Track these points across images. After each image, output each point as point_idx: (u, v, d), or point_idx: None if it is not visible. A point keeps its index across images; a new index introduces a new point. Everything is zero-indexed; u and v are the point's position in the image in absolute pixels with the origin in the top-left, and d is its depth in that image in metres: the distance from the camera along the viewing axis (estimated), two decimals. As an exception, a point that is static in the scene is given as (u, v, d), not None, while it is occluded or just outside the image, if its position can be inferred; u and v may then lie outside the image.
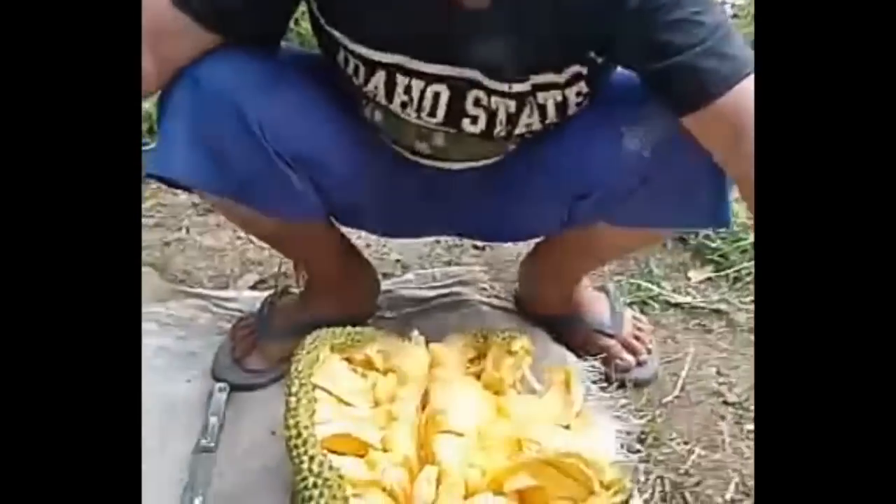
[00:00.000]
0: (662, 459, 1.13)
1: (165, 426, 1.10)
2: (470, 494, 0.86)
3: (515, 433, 0.92)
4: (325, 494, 0.79)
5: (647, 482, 1.10)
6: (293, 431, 0.85)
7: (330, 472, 0.80)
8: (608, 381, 1.21)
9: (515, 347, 1.03)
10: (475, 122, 0.96)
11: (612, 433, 1.09)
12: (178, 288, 1.37)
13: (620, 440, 1.10)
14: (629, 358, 1.25)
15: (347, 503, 0.79)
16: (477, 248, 1.52)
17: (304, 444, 0.83)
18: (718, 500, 1.09)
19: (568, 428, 0.95)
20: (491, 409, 0.97)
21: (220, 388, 1.16)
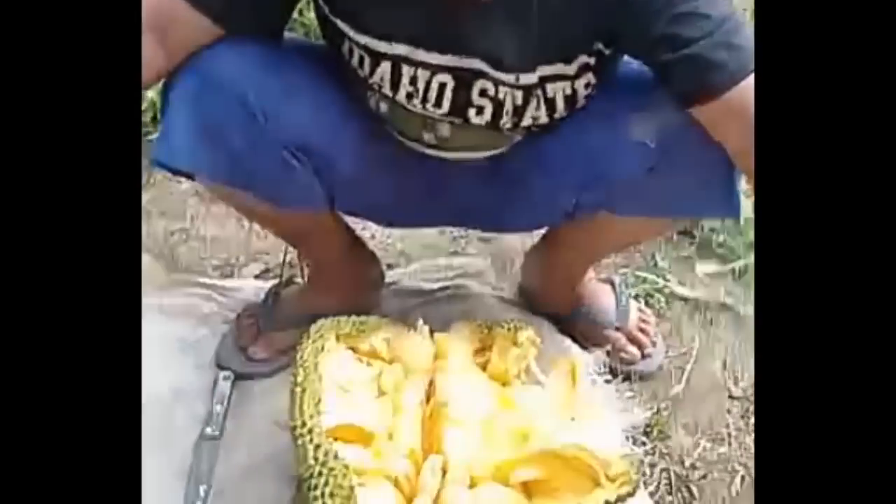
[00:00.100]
0: (668, 452, 1.13)
1: (170, 415, 1.10)
2: (475, 485, 0.86)
3: (521, 424, 0.92)
4: (329, 483, 0.79)
5: (652, 475, 1.10)
6: (298, 420, 0.85)
7: (335, 461, 0.80)
8: (613, 373, 1.20)
9: (521, 338, 1.02)
10: (481, 112, 0.96)
11: (617, 426, 1.08)
12: (182, 277, 1.36)
13: (626, 433, 1.09)
14: (634, 351, 1.25)
15: (352, 492, 0.79)
16: (482, 239, 1.51)
17: (309, 433, 0.83)
18: (724, 492, 1.09)
19: (573, 420, 0.95)
20: (496, 399, 0.97)
21: (224, 376, 1.16)
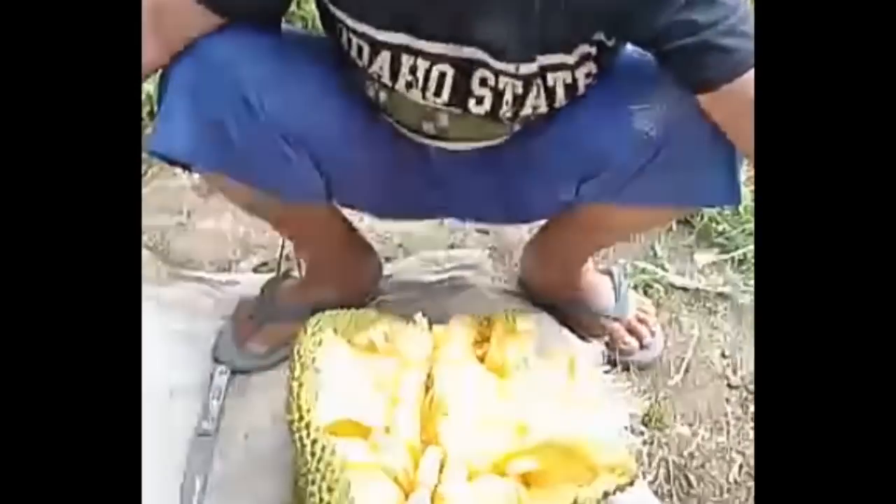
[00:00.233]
0: (667, 442, 1.13)
1: (166, 409, 1.10)
2: (473, 477, 0.86)
3: (519, 416, 0.91)
4: (327, 478, 0.79)
5: (651, 464, 1.10)
6: (296, 415, 0.85)
7: (332, 455, 0.80)
8: (612, 363, 1.20)
9: (520, 327, 1.02)
10: (481, 102, 0.95)
11: (616, 416, 1.08)
12: (179, 271, 1.36)
13: (624, 423, 1.09)
14: (633, 341, 1.25)
15: (350, 487, 0.79)
16: (480, 231, 1.50)
17: (306, 427, 0.83)
18: (722, 481, 1.09)
19: (572, 411, 0.95)
20: (494, 391, 0.97)
21: (220, 371, 1.16)
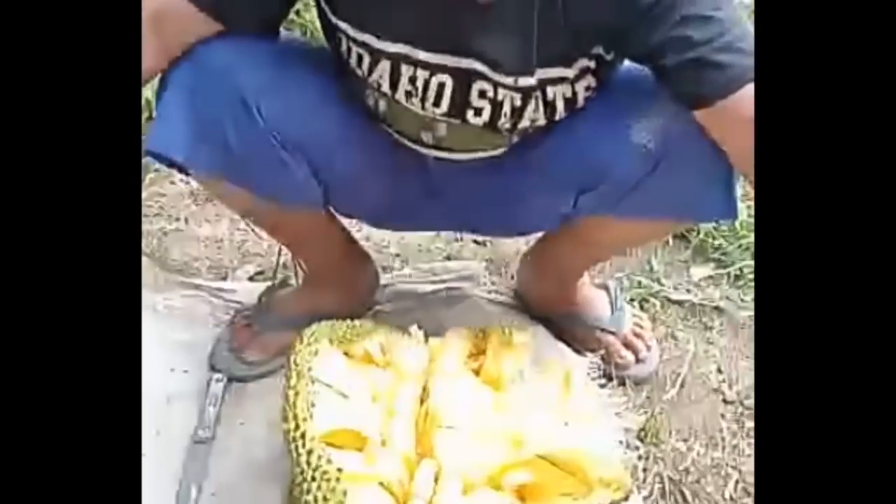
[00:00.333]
0: (662, 457, 1.13)
1: (163, 417, 1.09)
2: (468, 490, 0.86)
3: (514, 429, 0.91)
4: (322, 488, 0.79)
5: (646, 479, 1.10)
6: (291, 424, 0.84)
7: (328, 465, 0.80)
8: (608, 377, 1.20)
9: (516, 340, 1.02)
10: (479, 113, 0.95)
11: (611, 430, 1.08)
12: (176, 278, 1.36)
13: (620, 437, 1.09)
14: (629, 355, 1.25)
15: (345, 497, 0.79)
16: (477, 242, 1.51)
17: (302, 437, 0.83)
18: (718, 497, 1.08)
19: (567, 425, 0.95)
20: (490, 404, 0.97)
21: (217, 378, 1.15)
